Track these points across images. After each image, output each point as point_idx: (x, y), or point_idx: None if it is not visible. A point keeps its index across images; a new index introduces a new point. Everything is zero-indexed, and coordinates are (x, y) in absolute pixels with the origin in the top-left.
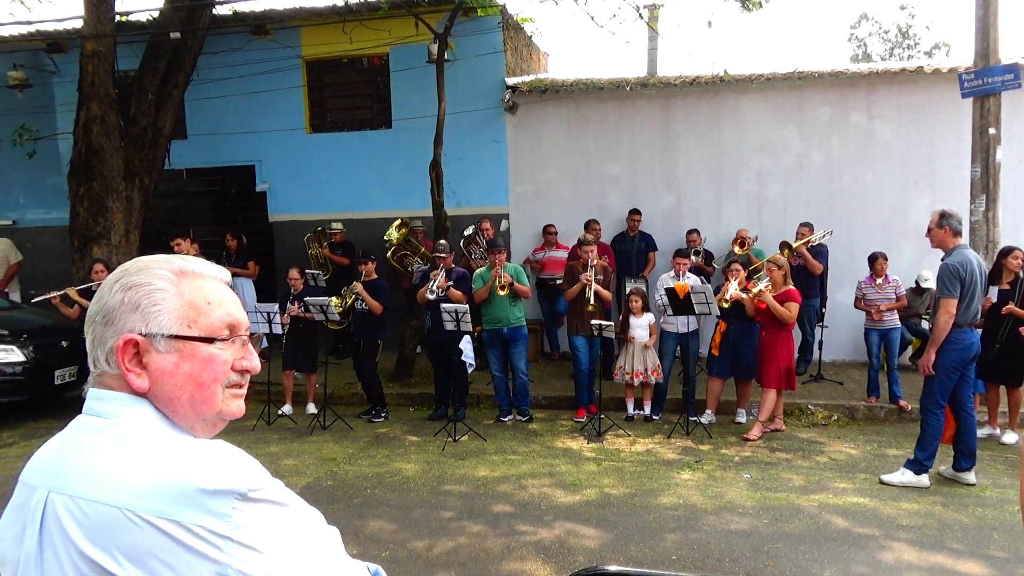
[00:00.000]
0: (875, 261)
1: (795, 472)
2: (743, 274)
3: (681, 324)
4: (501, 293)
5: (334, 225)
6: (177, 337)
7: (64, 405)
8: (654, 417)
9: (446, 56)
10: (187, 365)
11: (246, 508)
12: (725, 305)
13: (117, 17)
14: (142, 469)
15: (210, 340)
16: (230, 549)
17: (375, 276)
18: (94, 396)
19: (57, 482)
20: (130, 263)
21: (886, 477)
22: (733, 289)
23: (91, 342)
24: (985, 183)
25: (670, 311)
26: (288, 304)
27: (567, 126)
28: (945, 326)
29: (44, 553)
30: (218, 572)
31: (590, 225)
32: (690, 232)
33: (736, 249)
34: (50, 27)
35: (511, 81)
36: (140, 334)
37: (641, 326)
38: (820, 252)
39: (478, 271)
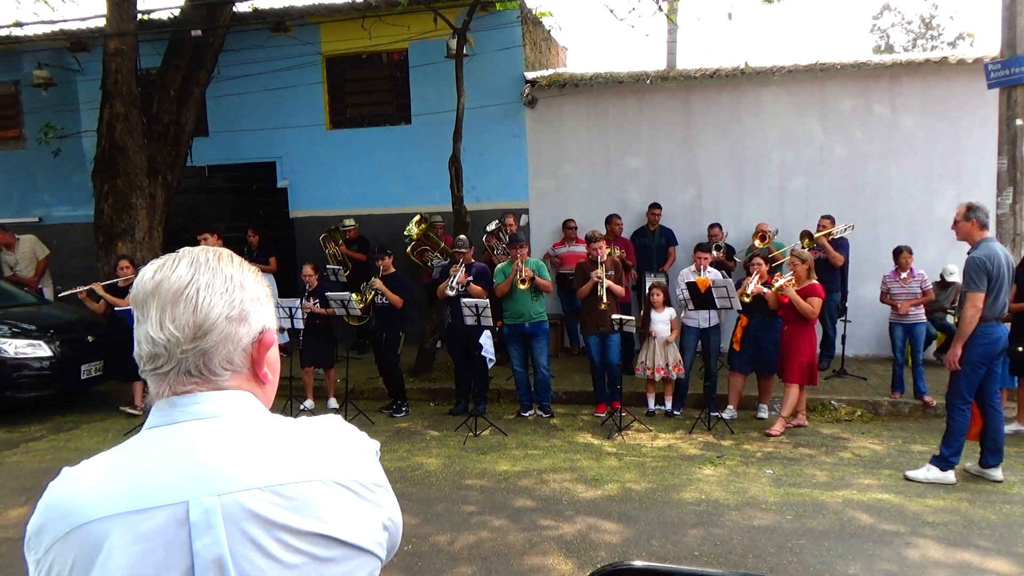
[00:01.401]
0: (899, 255)
1: (818, 468)
2: (764, 268)
3: (702, 319)
4: (522, 287)
5: (346, 222)
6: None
7: (90, 399)
8: (675, 412)
9: (465, 51)
10: (274, 353)
11: (378, 462)
12: (746, 300)
13: (139, 15)
14: (318, 445)
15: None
16: (385, 497)
17: (393, 270)
18: (203, 400)
19: (226, 484)
20: (222, 255)
21: (911, 473)
22: (754, 284)
23: (216, 344)
24: (1012, 175)
25: (691, 306)
26: (303, 300)
27: (586, 120)
28: (972, 320)
29: (240, 553)
30: (381, 516)
31: (611, 220)
32: (712, 226)
33: (757, 243)
34: (74, 26)
35: (530, 76)
36: (267, 328)
37: (662, 321)
38: (841, 245)
39: (500, 266)
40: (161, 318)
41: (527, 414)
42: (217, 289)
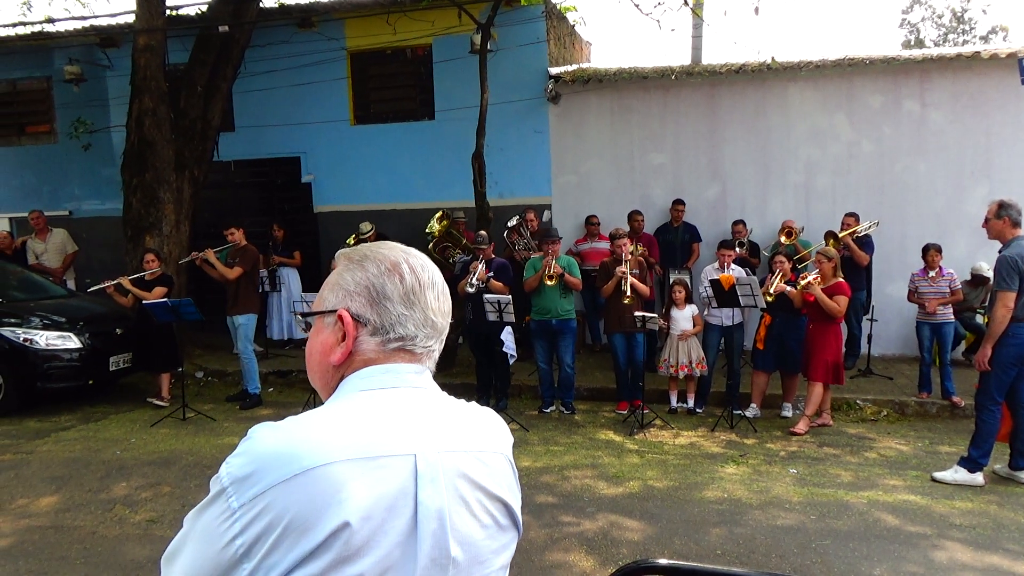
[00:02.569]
0: (928, 253)
1: (843, 468)
2: (787, 266)
3: (726, 317)
4: (549, 283)
5: (363, 227)
6: None
7: (118, 391)
8: (698, 410)
9: (489, 46)
10: None
11: None
12: (769, 299)
13: (168, 12)
14: (493, 424)
15: None
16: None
17: None
18: (417, 370)
19: (444, 444)
20: (426, 255)
21: (939, 475)
22: (777, 283)
23: (447, 325)
24: None
25: (715, 303)
26: None
27: (610, 116)
28: (1003, 320)
29: (453, 506)
30: (519, 499)
31: (632, 217)
32: (736, 223)
33: (783, 239)
34: (104, 22)
35: (554, 71)
36: None
37: (684, 318)
38: (866, 244)
39: (531, 259)
40: (439, 306)
41: (549, 410)
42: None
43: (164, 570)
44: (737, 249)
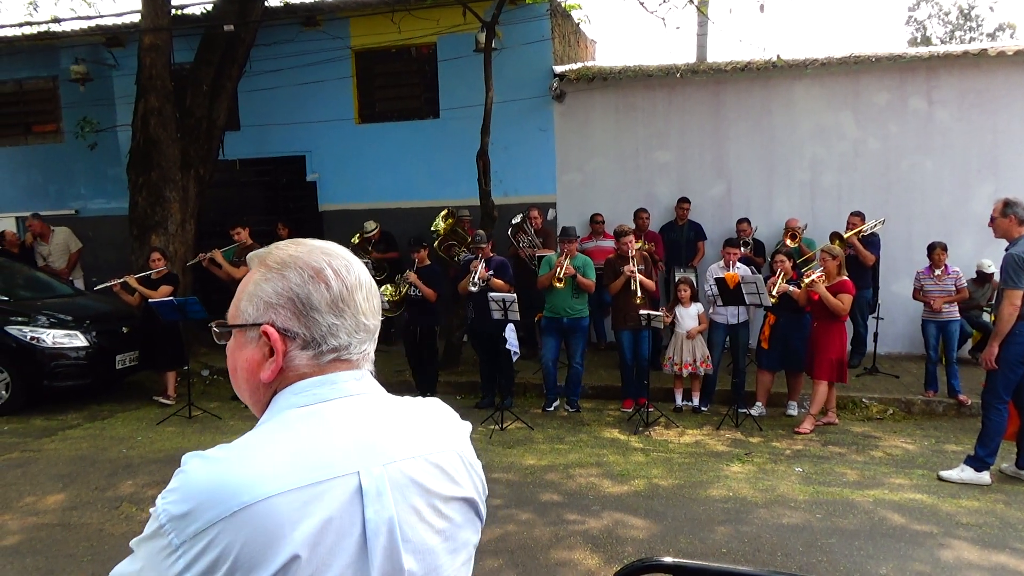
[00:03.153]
0: (933, 252)
1: (849, 466)
2: (788, 265)
3: (731, 315)
4: (558, 285)
5: (367, 226)
6: None
7: (124, 389)
8: (703, 408)
9: (494, 44)
10: None
11: None
12: (772, 300)
13: (173, 11)
14: (442, 421)
15: None
16: (480, 472)
17: (428, 263)
18: (356, 376)
19: (388, 454)
20: (349, 251)
21: (945, 473)
22: (779, 283)
23: (378, 325)
24: None
25: (720, 301)
26: None
27: (615, 114)
28: (1009, 318)
29: (403, 517)
30: (482, 490)
31: (638, 214)
32: (740, 221)
33: (788, 241)
34: (109, 22)
35: (559, 69)
36: None
37: (690, 316)
38: (872, 243)
39: (547, 256)
40: (369, 306)
41: (551, 408)
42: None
43: None
44: (741, 248)
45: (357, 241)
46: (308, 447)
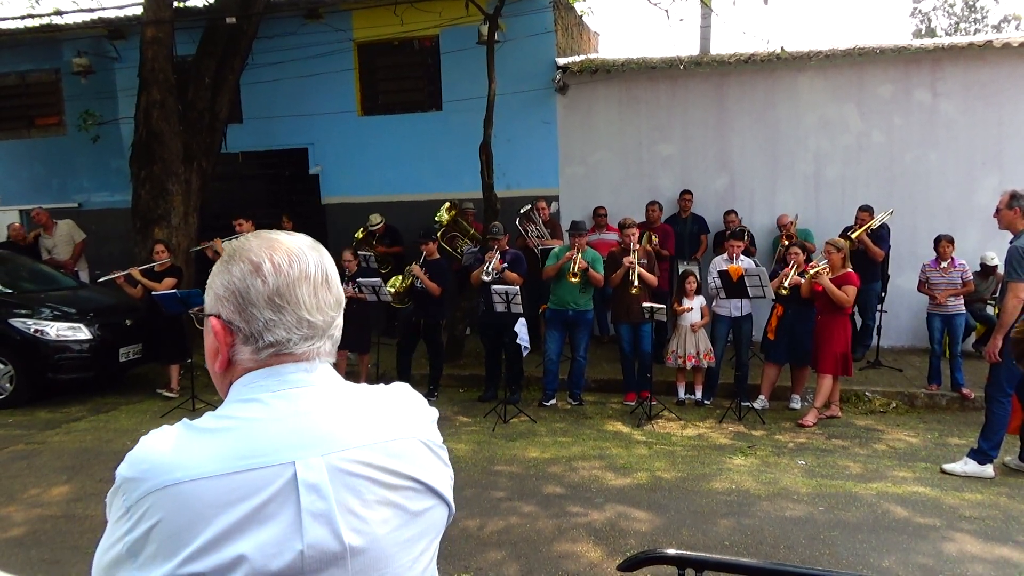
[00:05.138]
0: (939, 244)
1: (852, 460)
2: (801, 258)
3: (734, 308)
4: (573, 280)
5: (372, 220)
6: None
7: (128, 382)
8: (705, 402)
9: (496, 37)
10: None
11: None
12: (784, 292)
13: (175, 3)
14: (401, 408)
15: None
16: (445, 456)
17: (437, 256)
18: (305, 368)
19: (329, 445)
20: (308, 244)
21: (948, 467)
22: (792, 275)
23: (334, 319)
24: None
25: (723, 294)
26: (344, 285)
27: (618, 106)
28: (1013, 311)
29: (344, 508)
30: (447, 474)
31: (649, 207)
32: (727, 212)
33: (784, 242)
34: (112, 14)
35: (561, 61)
36: None
37: (693, 309)
38: (881, 235)
39: (556, 248)
40: (316, 302)
41: (548, 403)
42: (335, 270)
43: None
44: (733, 240)
45: (361, 235)
46: (244, 436)
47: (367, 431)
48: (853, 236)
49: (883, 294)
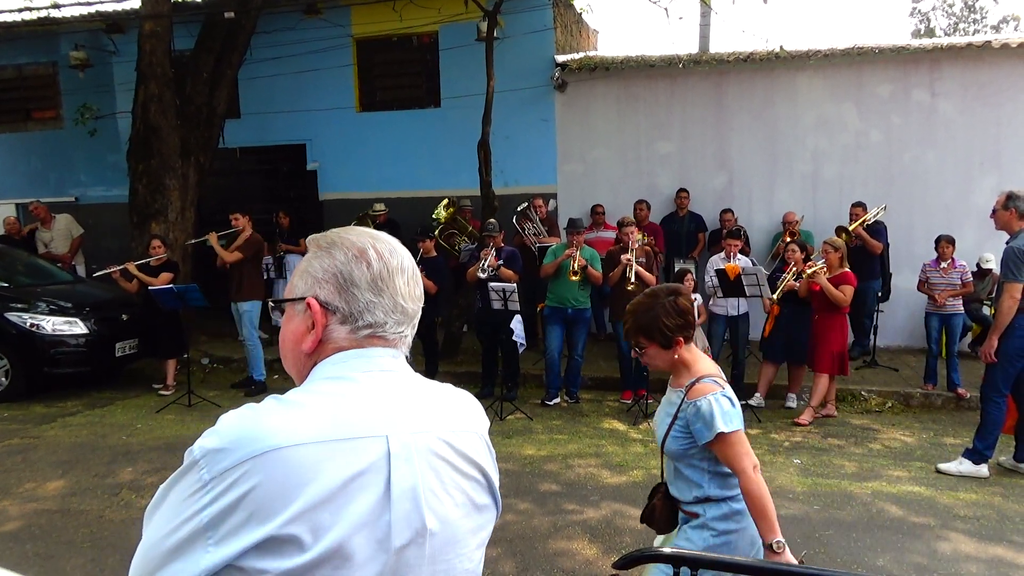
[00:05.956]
0: (939, 244)
1: (847, 459)
2: (799, 256)
3: (731, 307)
4: (573, 278)
5: (376, 207)
6: None
7: (124, 377)
8: None
9: (495, 34)
10: None
11: None
12: (775, 298)
13: None
14: (466, 404)
15: None
16: (494, 459)
17: (434, 253)
18: (392, 355)
19: (417, 425)
20: (398, 241)
21: (943, 466)
22: (789, 279)
23: (419, 310)
24: None
25: (720, 293)
26: None
27: (617, 104)
28: (1009, 312)
29: (429, 484)
30: (498, 478)
31: (637, 206)
32: (724, 211)
33: (788, 239)
34: (110, 8)
35: (560, 59)
36: None
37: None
38: (878, 232)
39: (553, 246)
40: (409, 291)
41: (552, 402)
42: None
43: (143, 537)
44: (731, 240)
45: (358, 221)
46: (340, 408)
47: (445, 419)
48: (851, 229)
49: (880, 293)
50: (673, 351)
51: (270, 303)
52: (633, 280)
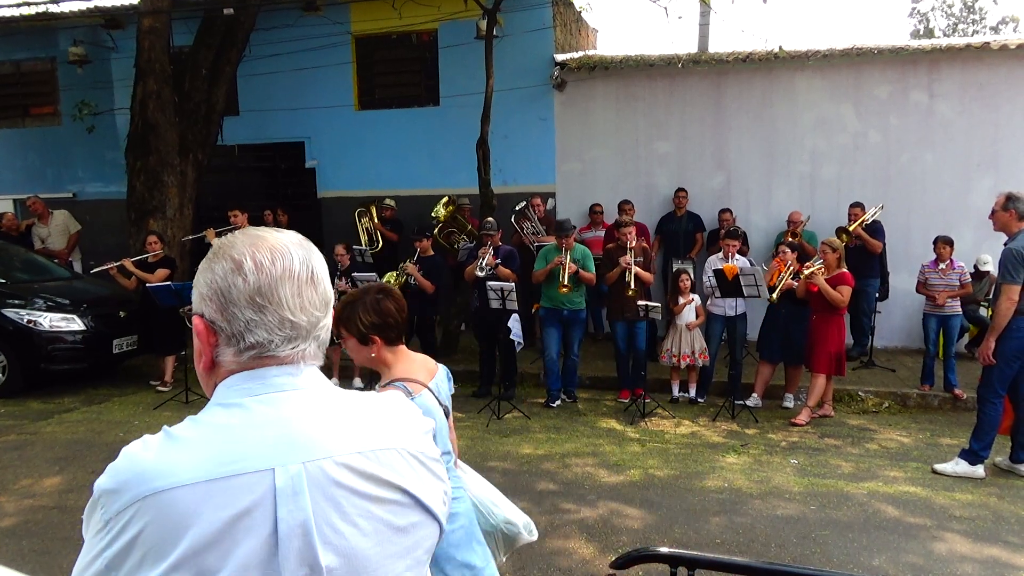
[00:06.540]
0: (937, 245)
1: (844, 459)
2: (792, 256)
3: (728, 307)
4: (563, 291)
5: (387, 201)
6: None
7: (122, 373)
8: (699, 400)
9: (495, 32)
10: None
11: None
12: (772, 300)
13: None
14: (389, 417)
15: None
16: (443, 472)
17: (431, 253)
18: (290, 372)
19: (312, 452)
20: (296, 240)
21: (939, 467)
22: (785, 279)
23: (320, 319)
24: None
25: (718, 293)
26: (336, 280)
27: (616, 103)
28: (1006, 313)
29: (323, 518)
30: (441, 488)
31: (622, 207)
32: (723, 211)
33: (790, 238)
34: (108, 3)
35: (560, 58)
36: None
37: (688, 307)
38: (876, 230)
39: (543, 249)
40: (300, 301)
41: (555, 404)
42: (325, 268)
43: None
44: (729, 240)
45: (362, 210)
46: (225, 441)
47: (352, 438)
48: (851, 229)
49: (888, 288)
50: (370, 348)
51: (182, 312)
52: (633, 286)
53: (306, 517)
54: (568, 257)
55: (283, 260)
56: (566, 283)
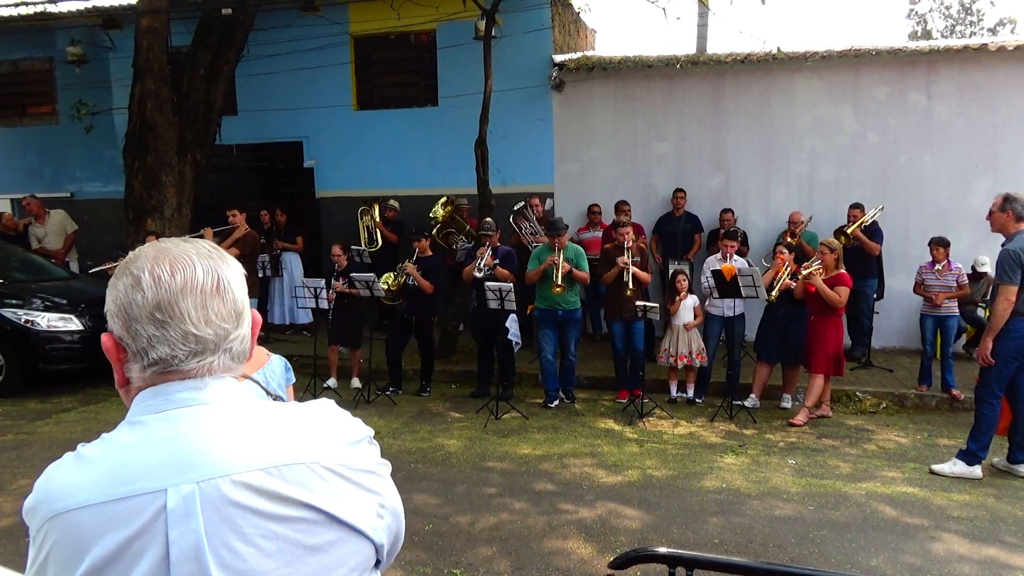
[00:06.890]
0: (931, 247)
1: (842, 459)
2: (790, 257)
3: (727, 307)
4: (557, 291)
5: (391, 202)
6: None
7: None
8: (697, 400)
9: (493, 32)
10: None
11: (373, 449)
12: (771, 299)
13: None
14: (305, 429)
15: None
16: (377, 483)
17: (429, 253)
18: (194, 387)
19: (207, 470)
20: (208, 245)
21: (937, 467)
22: (783, 279)
23: (229, 331)
24: None
25: (716, 294)
26: (333, 280)
27: (614, 104)
28: (1004, 314)
29: (219, 540)
30: (373, 501)
31: (619, 207)
32: (724, 211)
33: (789, 239)
34: (106, 3)
35: (558, 58)
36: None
37: (686, 308)
38: (875, 231)
39: (536, 249)
40: (203, 314)
41: (553, 404)
42: (238, 277)
43: None
44: (727, 240)
45: (366, 207)
46: (125, 460)
47: (256, 454)
48: (849, 231)
49: (883, 288)
50: None
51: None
52: (632, 287)
53: (198, 539)
54: (561, 256)
55: (184, 272)
56: (560, 283)
